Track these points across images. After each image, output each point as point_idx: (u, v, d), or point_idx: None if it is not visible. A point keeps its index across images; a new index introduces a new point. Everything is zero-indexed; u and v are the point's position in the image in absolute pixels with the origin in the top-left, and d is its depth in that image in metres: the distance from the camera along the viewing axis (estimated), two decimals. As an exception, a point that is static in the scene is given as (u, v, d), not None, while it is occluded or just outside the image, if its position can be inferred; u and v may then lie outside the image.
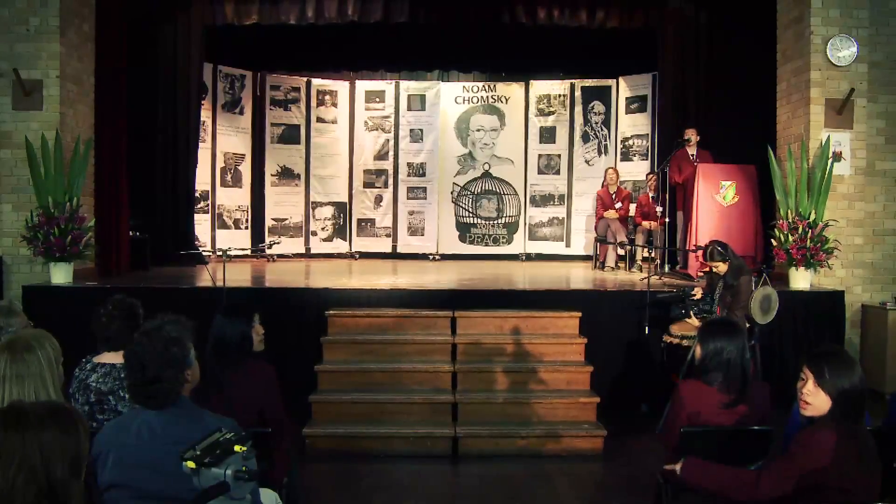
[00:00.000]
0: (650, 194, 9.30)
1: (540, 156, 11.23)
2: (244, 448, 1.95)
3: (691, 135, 8.38)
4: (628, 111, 10.74)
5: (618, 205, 9.54)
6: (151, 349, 2.42)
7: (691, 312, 5.76)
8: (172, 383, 2.41)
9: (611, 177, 9.71)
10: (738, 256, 5.74)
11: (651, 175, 9.49)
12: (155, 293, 6.70)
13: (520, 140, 11.27)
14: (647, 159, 10.46)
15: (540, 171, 11.22)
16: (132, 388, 2.43)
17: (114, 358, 3.29)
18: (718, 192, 7.63)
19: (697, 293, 5.95)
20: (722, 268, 5.56)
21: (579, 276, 8.70)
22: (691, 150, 8.38)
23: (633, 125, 10.69)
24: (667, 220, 8.47)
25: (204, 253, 9.13)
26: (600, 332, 6.35)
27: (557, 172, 11.16)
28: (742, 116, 8.52)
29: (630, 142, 10.70)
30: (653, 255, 8.61)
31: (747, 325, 5.47)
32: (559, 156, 11.18)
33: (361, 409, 5.70)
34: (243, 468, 1.91)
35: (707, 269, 6.07)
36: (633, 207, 9.63)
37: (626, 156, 10.73)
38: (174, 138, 9.23)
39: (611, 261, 9.28)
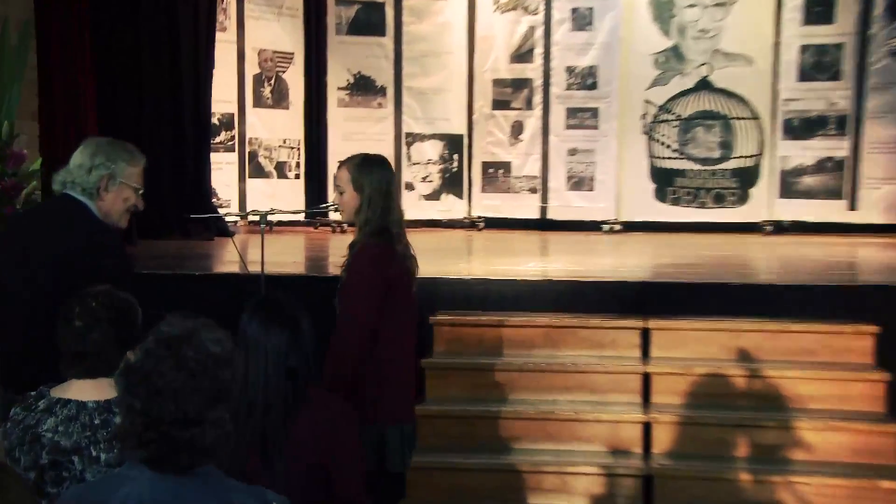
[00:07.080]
0: None
1: (804, 48, 8.42)
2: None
3: None
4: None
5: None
6: (185, 372, 1.74)
7: None
8: (218, 430, 1.73)
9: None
10: None
11: None
12: (144, 282, 5.06)
13: (765, 21, 8.46)
14: None
15: (803, 77, 8.41)
16: (146, 434, 1.71)
17: (85, 391, 2.55)
18: None
19: None
20: None
21: (874, 262, 7.11)
22: None
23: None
24: None
25: (227, 219, 7.57)
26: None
27: (836, 77, 8.32)
28: None
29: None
30: None
31: None
32: (839, 47, 8.33)
33: (477, 482, 4.64)
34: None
35: None
36: None
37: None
38: (173, 25, 7.44)
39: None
